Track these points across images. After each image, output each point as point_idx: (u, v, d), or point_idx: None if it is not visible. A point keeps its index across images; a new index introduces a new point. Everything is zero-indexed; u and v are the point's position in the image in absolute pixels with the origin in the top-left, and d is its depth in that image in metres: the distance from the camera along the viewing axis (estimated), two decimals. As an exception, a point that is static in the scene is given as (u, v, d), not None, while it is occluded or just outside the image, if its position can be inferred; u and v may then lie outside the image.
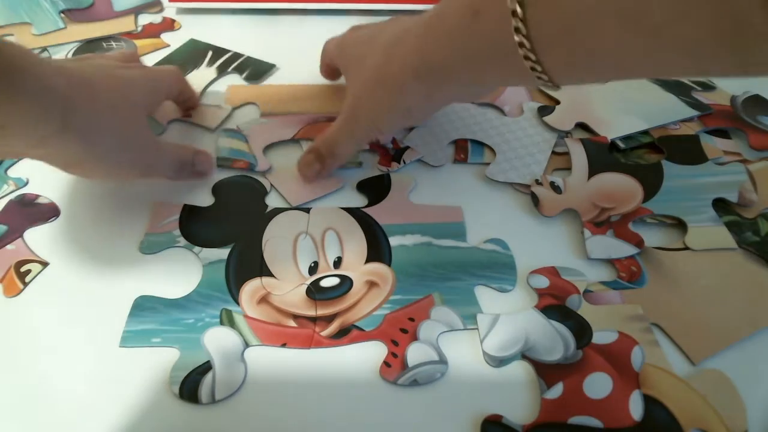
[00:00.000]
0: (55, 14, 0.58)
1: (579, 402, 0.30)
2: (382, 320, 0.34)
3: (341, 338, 0.33)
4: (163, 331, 0.33)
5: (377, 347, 0.33)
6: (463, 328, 0.33)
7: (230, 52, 0.53)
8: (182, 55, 0.53)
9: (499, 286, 0.36)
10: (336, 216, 0.39)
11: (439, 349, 0.32)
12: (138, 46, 0.55)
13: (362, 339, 0.33)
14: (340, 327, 0.33)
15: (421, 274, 0.36)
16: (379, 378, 0.31)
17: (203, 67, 0.52)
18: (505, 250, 0.38)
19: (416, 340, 0.33)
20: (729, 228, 0.39)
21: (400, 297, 0.35)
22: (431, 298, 0.35)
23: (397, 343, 0.32)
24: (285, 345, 0.33)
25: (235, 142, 0.45)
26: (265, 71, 0.52)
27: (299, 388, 0.31)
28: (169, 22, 0.58)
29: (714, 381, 0.31)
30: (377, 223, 0.39)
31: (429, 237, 0.38)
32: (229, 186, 0.42)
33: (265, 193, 0.41)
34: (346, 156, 0.42)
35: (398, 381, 0.31)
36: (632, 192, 0.41)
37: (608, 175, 0.42)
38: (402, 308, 0.34)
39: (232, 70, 0.52)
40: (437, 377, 0.31)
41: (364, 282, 0.36)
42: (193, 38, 0.54)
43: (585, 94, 0.49)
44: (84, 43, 0.55)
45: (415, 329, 0.33)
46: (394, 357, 0.32)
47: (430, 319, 0.34)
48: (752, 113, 0.48)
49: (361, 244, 0.38)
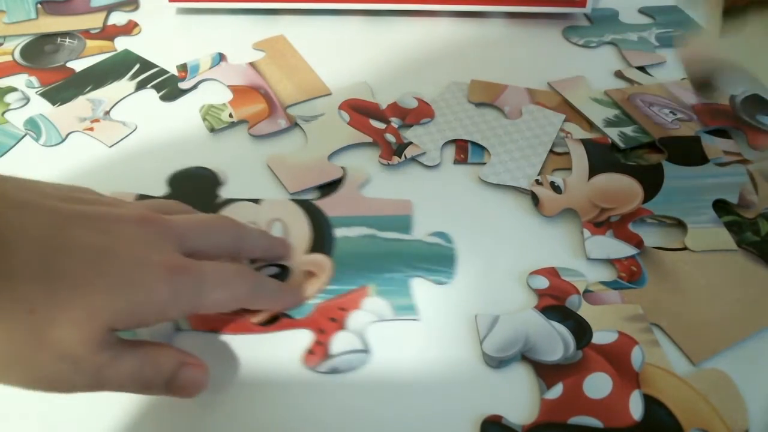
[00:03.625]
0: (32, 4, 0.57)
1: (579, 402, 0.30)
2: (313, 309, 0.34)
3: (270, 326, 0.33)
4: None
5: (308, 335, 0.33)
6: (393, 319, 0.34)
7: (157, 68, 0.52)
8: (109, 65, 0.52)
9: (435, 278, 0.36)
10: (284, 207, 0.40)
11: (364, 338, 0.33)
12: (86, 47, 0.54)
13: (291, 327, 0.33)
14: (271, 314, 0.34)
15: (360, 266, 0.36)
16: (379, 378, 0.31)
17: (124, 80, 0.50)
18: (447, 243, 0.38)
19: (344, 329, 0.33)
20: (729, 228, 0.39)
21: (336, 287, 0.35)
22: (365, 289, 0.35)
23: (324, 332, 0.33)
24: (215, 330, 0.33)
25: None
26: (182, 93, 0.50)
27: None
28: (132, 25, 0.57)
29: (714, 380, 0.31)
30: (325, 215, 0.39)
31: (374, 229, 0.38)
32: (184, 177, 0.42)
33: (219, 183, 0.41)
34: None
35: (318, 369, 0.31)
36: (632, 192, 0.41)
37: (608, 176, 0.42)
38: (334, 298, 0.35)
39: (150, 87, 0.50)
40: (358, 366, 0.32)
41: (302, 272, 0.36)
42: (128, 49, 0.54)
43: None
44: (39, 37, 0.54)
45: (345, 319, 0.34)
46: (318, 345, 0.32)
47: (361, 309, 0.34)
48: (751, 112, 0.48)
49: (305, 235, 0.38)
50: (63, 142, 0.45)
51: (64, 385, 0.26)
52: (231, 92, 0.49)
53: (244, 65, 0.52)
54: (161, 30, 0.57)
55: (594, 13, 0.59)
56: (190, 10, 0.58)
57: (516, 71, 0.52)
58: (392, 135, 0.45)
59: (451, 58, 0.54)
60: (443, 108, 0.48)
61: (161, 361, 0.28)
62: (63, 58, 0.52)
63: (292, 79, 0.51)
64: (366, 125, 0.46)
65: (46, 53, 0.53)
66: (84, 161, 0.43)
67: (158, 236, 0.29)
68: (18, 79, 0.50)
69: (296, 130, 0.46)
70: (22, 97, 0.48)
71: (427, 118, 0.47)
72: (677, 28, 0.58)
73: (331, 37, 0.56)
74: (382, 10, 0.58)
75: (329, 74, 0.51)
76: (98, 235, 0.27)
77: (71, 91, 0.49)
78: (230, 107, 0.47)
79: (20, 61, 0.52)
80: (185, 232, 0.30)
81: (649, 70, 0.53)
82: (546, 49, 0.56)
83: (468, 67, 0.52)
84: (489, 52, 0.55)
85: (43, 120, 0.46)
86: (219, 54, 0.53)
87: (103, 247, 0.26)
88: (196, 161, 0.43)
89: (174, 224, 0.30)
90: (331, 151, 0.44)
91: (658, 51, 0.55)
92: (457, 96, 0.49)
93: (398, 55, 0.54)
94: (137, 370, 0.27)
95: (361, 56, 0.53)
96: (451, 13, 0.59)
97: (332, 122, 0.46)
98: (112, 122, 0.46)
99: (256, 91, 0.49)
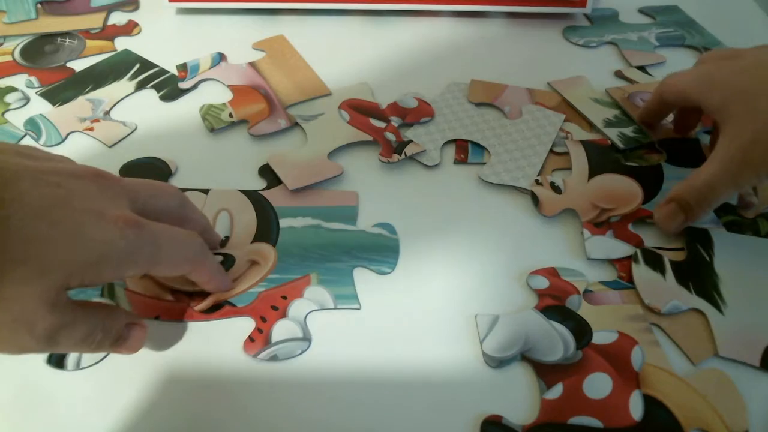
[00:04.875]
0: (32, 4, 0.57)
1: (579, 402, 0.30)
2: (255, 297, 0.34)
3: (212, 313, 0.34)
4: None
5: (251, 323, 0.33)
6: (333, 308, 0.34)
7: (157, 68, 0.52)
8: (110, 65, 0.52)
9: (377, 268, 0.36)
10: (231, 197, 0.40)
11: (305, 326, 0.33)
12: (87, 47, 0.54)
13: (233, 314, 0.34)
14: (213, 302, 0.34)
15: (303, 255, 0.37)
16: (379, 378, 0.31)
17: (124, 80, 0.50)
18: (391, 234, 0.38)
19: (285, 317, 0.33)
20: (729, 228, 0.39)
21: (279, 276, 0.36)
22: (308, 278, 0.36)
23: (265, 320, 0.33)
24: (158, 317, 0.33)
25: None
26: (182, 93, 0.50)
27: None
28: (132, 25, 0.57)
29: (714, 381, 0.31)
30: (271, 206, 0.40)
31: (319, 220, 0.39)
32: (135, 167, 0.42)
33: (170, 174, 0.42)
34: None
35: (258, 356, 0.32)
36: (632, 193, 0.41)
37: (608, 176, 0.42)
38: (277, 286, 0.35)
39: (150, 87, 0.50)
40: (297, 353, 0.32)
41: (246, 260, 0.36)
42: (127, 49, 0.53)
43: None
44: (39, 37, 0.54)
45: (286, 307, 0.34)
46: (259, 332, 0.33)
47: (302, 298, 0.34)
48: None
49: (250, 225, 0.39)
50: (63, 142, 0.44)
51: (15, 348, 0.26)
52: (231, 92, 0.49)
53: (244, 65, 0.52)
54: (161, 30, 0.57)
55: (594, 13, 0.59)
56: (190, 10, 0.58)
57: (516, 71, 0.52)
58: (392, 133, 0.45)
59: (451, 58, 0.54)
60: (443, 108, 0.48)
61: (111, 324, 0.29)
62: (63, 58, 0.52)
63: (292, 78, 0.51)
64: (366, 124, 0.46)
65: (46, 53, 0.53)
66: (84, 161, 0.42)
67: (112, 192, 0.28)
68: (18, 79, 0.50)
69: (296, 129, 0.46)
70: (22, 97, 0.48)
71: (427, 117, 0.47)
72: (677, 28, 0.58)
73: (331, 37, 0.56)
74: (382, 10, 0.58)
75: (329, 74, 0.51)
76: (50, 188, 0.26)
77: (71, 91, 0.49)
78: (230, 107, 0.47)
79: (20, 61, 0.52)
80: (137, 190, 0.30)
81: (649, 70, 0.53)
82: (546, 49, 0.56)
83: (468, 67, 0.52)
84: (489, 52, 0.55)
85: (43, 120, 0.46)
86: (219, 54, 0.53)
87: (55, 199, 0.26)
88: (196, 160, 0.43)
89: (126, 183, 0.30)
90: (330, 150, 0.44)
91: (658, 51, 0.55)
92: (457, 96, 0.49)
93: (398, 55, 0.54)
94: (90, 333, 0.27)
95: (361, 56, 0.53)
96: (451, 13, 0.59)
97: (332, 121, 0.46)
98: (112, 122, 0.46)
99: (256, 91, 0.49)
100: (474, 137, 0.45)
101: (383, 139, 0.45)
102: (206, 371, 0.32)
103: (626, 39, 0.56)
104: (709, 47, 0.56)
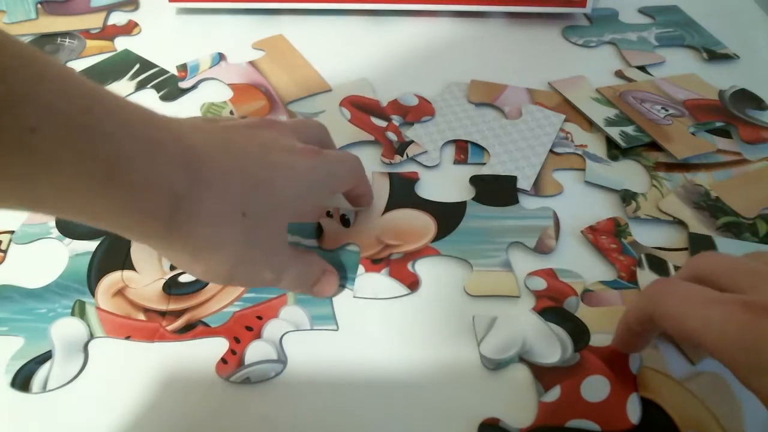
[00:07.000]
0: (32, 4, 0.57)
1: (576, 405, 0.30)
2: (229, 317, 0.34)
3: (185, 333, 0.33)
4: (13, 320, 0.33)
5: (225, 344, 0.33)
6: (310, 329, 0.33)
7: (157, 67, 0.52)
8: (110, 65, 0.52)
9: (348, 285, 0.36)
10: None
11: (279, 348, 0.32)
12: (87, 47, 0.54)
13: (206, 335, 0.33)
14: (187, 322, 0.34)
15: None
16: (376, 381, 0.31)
17: (125, 80, 0.50)
18: (352, 249, 0.37)
19: (259, 338, 0.33)
20: (727, 229, 0.39)
21: (254, 295, 0.35)
22: (284, 297, 0.35)
23: (239, 341, 0.33)
24: (129, 338, 0.33)
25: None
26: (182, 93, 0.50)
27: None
28: (132, 25, 0.57)
29: (712, 384, 0.31)
30: None
31: (297, 237, 0.38)
32: None
33: None
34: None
35: (231, 378, 0.31)
36: (423, 230, 0.39)
37: (404, 212, 0.40)
38: (252, 306, 0.34)
39: (150, 87, 0.50)
40: (271, 376, 0.31)
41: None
42: (127, 49, 0.53)
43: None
44: (39, 37, 0.54)
45: (261, 327, 0.33)
46: (233, 354, 0.32)
47: (278, 318, 0.34)
48: (741, 107, 0.48)
49: None
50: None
51: (258, 282, 0.31)
52: (231, 90, 0.49)
53: (243, 64, 0.52)
54: (161, 30, 0.57)
55: (594, 13, 0.59)
56: (190, 10, 0.58)
57: (516, 71, 0.52)
58: (393, 133, 0.45)
59: (451, 58, 0.54)
60: (443, 108, 0.48)
61: (314, 269, 0.34)
62: (63, 58, 0.52)
63: (292, 76, 0.51)
64: (367, 123, 0.46)
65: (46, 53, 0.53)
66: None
67: (286, 132, 0.32)
68: (18, 79, 0.50)
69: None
70: (22, 98, 0.48)
71: (427, 116, 0.47)
72: (677, 28, 0.58)
73: (331, 37, 0.56)
74: (382, 10, 0.57)
75: (329, 74, 0.51)
76: (256, 134, 0.31)
77: (71, 91, 0.49)
78: (231, 104, 0.47)
79: (20, 62, 0.52)
80: (296, 127, 0.34)
81: (649, 70, 0.53)
82: (546, 49, 0.56)
83: (468, 67, 0.52)
84: (489, 52, 0.55)
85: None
86: (219, 53, 0.53)
87: (263, 142, 0.30)
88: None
89: (284, 123, 0.35)
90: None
91: (657, 51, 0.55)
92: (457, 96, 0.49)
93: (398, 56, 0.54)
94: (302, 273, 0.33)
95: (360, 57, 0.53)
96: (451, 13, 0.59)
97: (333, 119, 0.46)
98: None
99: (256, 89, 0.49)
100: (474, 138, 0.45)
101: (385, 140, 0.45)
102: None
103: (626, 39, 0.56)
104: (709, 47, 0.55)
